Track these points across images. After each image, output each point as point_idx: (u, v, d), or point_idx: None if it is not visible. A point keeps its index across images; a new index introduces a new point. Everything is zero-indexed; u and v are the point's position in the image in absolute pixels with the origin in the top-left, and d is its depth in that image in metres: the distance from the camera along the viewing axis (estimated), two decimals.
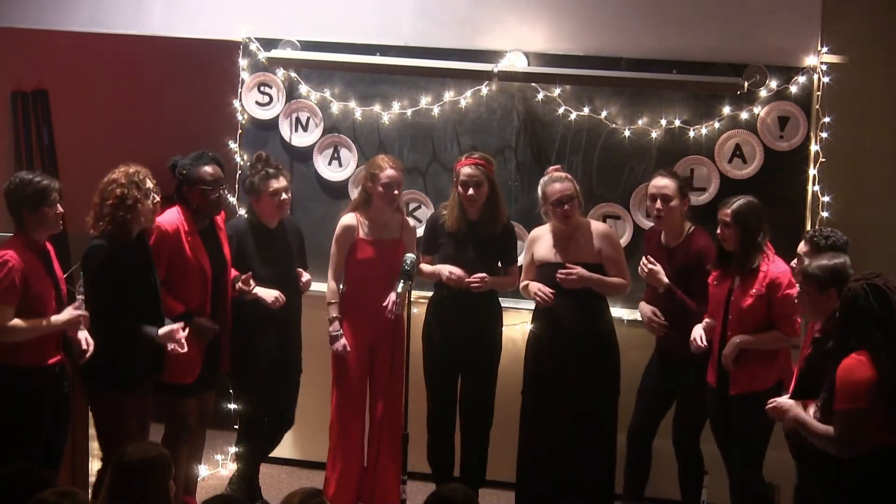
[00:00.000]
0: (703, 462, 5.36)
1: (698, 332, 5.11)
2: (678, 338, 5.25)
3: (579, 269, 5.27)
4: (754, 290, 4.97)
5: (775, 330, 4.97)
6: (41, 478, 3.65)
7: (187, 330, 4.92)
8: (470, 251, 5.44)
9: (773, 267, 4.96)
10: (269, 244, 5.45)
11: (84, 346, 4.65)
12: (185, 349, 4.86)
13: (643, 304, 5.42)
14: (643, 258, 5.32)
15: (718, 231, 5.08)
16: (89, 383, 4.86)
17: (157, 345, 4.85)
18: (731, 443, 5.09)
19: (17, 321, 4.47)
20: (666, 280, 5.24)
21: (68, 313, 4.59)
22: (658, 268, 5.26)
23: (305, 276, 5.56)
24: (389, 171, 5.41)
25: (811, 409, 4.12)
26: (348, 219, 5.52)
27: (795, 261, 4.80)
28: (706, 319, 5.15)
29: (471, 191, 5.38)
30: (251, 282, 5.28)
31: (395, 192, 5.44)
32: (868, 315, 3.92)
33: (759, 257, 5.00)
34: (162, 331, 4.81)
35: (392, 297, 5.33)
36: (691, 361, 5.22)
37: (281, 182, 5.37)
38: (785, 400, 4.29)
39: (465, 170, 5.40)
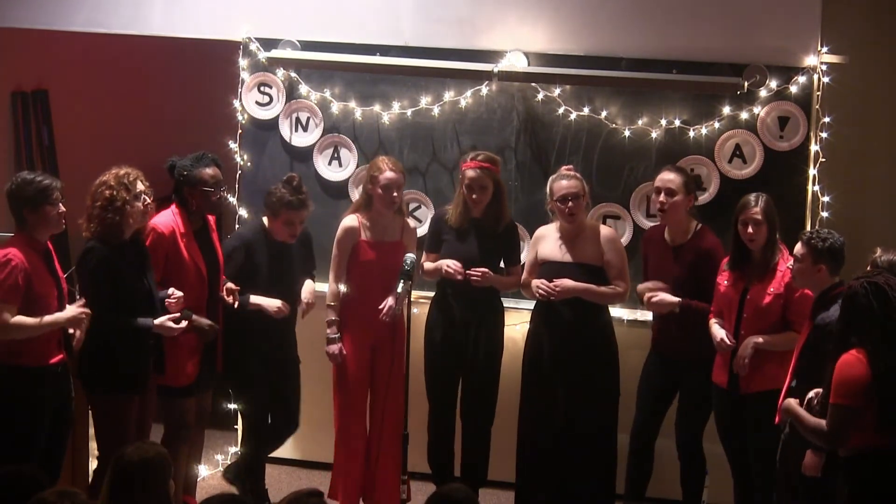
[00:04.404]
0: (705, 462, 5.36)
1: (722, 333, 5.03)
2: (678, 337, 5.25)
3: (563, 281, 5.25)
4: (772, 289, 4.94)
5: (789, 331, 4.93)
6: (32, 480, 3.64)
7: (184, 324, 4.90)
8: (473, 247, 5.42)
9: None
10: (277, 256, 5.40)
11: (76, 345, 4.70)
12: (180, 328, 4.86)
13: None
14: (645, 291, 5.25)
15: (750, 230, 4.97)
16: (89, 386, 4.86)
17: (155, 340, 4.85)
18: (747, 441, 5.06)
19: (20, 318, 4.47)
20: (676, 300, 5.18)
21: (72, 311, 4.59)
22: (662, 295, 5.21)
23: (306, 293, 5.47)
24: (388, 174, 5.37)
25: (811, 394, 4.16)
26: (350, 220, 5.48)
27: (792, 261, 4.77)
28: (714, 319, 5.12)
29: (475, 195, 5.37)
30: (233, 296, 5.23)
31: (395, 194, 5.39)
32: (868, 313, 3.92)
33: (777, 255, 4.99)
34: (158, 321, 4.80)
35: (389, 301, 5.32)
36: (690, 360, 5.22)
37: (299, 215, 5.32)
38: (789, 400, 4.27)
39: (470, 172, 5.37)
